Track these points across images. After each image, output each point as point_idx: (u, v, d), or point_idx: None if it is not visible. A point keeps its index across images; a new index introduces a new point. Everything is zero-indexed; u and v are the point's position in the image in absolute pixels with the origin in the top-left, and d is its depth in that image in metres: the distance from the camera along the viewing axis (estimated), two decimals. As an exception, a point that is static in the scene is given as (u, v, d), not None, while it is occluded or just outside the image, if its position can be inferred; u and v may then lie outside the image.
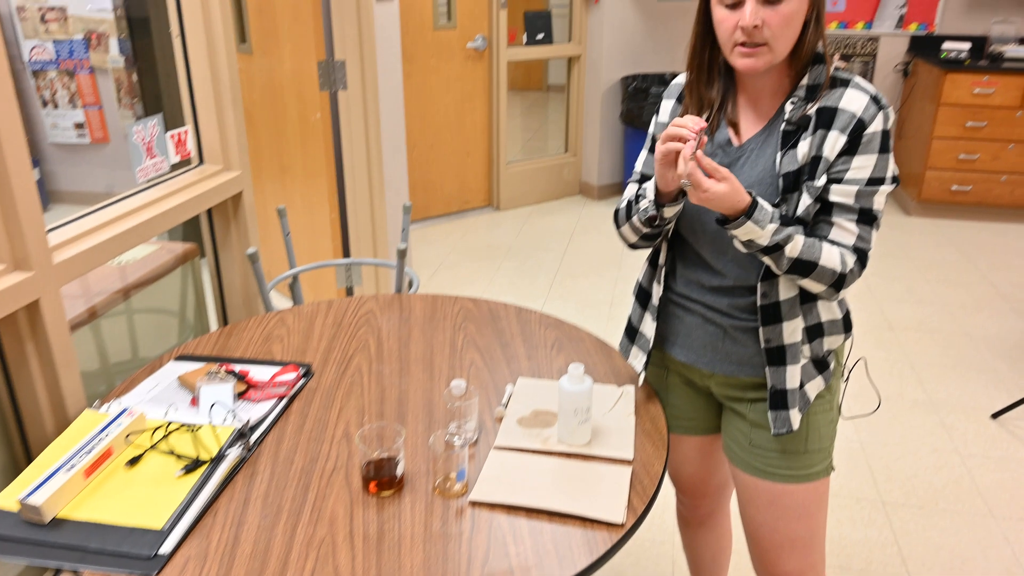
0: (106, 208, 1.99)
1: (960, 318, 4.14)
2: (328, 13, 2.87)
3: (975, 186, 5.50)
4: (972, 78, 5.27)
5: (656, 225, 1.53)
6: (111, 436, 1.45)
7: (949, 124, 5.40)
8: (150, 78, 4.06)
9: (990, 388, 3.48)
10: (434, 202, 5.67)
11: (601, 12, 5.70)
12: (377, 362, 1.83)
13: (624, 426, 1.56)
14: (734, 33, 1.36)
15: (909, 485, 2.83)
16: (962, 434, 3.14)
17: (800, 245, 1.37)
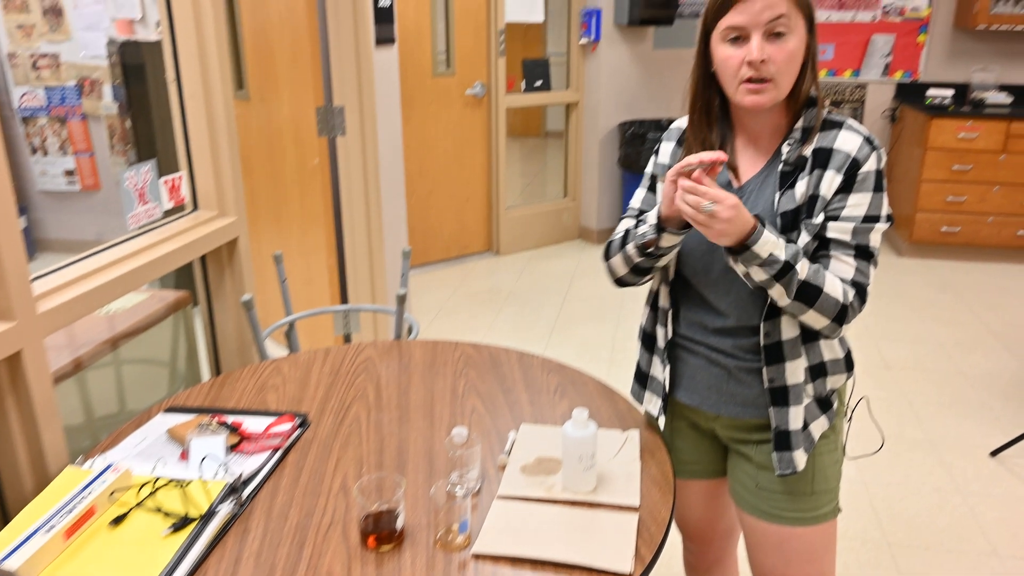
0: (94, 256, 1.95)
1: (955, 357, 4.19)
2: (327, 59, 2.87)
3: (963, 227, 5.64)
4: (956, 123, 5.43)
5: (650, 253, 1.51)
6: (94, 494, 1.39)
7: (936, 168, 5.55)
8: (144, 124, 4.05)
9: (987, 426, 3.50)
10: (433, 247, 5.65)
11: (598, 60, 5.75)
12: (376, 410, 1.78)
13: (630, 472, 1.52)
14: (740, 70, 1.39)
15: (913, 525, 2.82)
16: (962, 472, 3.15)
17: (807, 267, 1.38)
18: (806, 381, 1.50)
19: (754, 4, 1.35)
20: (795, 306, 1.40)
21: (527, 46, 6.09)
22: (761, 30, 1.35)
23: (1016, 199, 5.50)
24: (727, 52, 1.40)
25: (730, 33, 1.38)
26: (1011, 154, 5.41)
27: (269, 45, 3.49)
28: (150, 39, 4.05)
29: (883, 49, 6.10)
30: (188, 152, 2.28)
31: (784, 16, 1.35)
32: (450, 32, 5.28)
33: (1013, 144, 5.39)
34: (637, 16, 5.50)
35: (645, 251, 1.52)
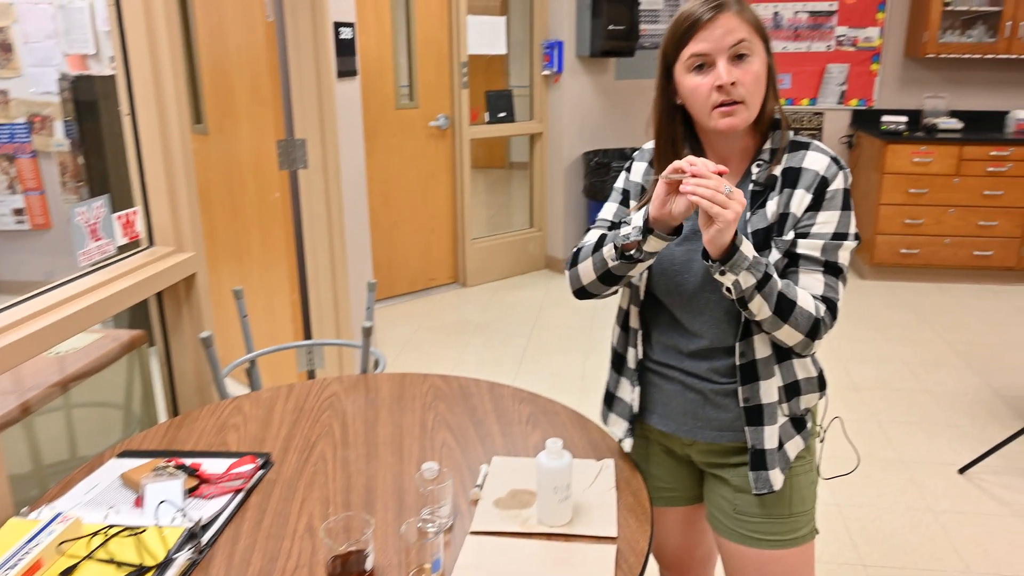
0: (43, 295, 1.87)
1: (920, 376, 4.27)
2: (288, 92, 2.82)
3: (922, 249, 5.80)
4: (911, 148, 5.62)
5: (628, 256, 1.45)
6: (41, 546, 1.30)
7: (893, 191, 5.72)
8: (97, 160, 3.96)
9: (955, 443, 3.56)
10: (399, 280, 5.59)
11: (561, 91, 5.78)
12: (342, 447, 1.71)
13: (606, 501, 1.49)
14: (710, 96, 1.40)
15: (887, 546, 2.84)
16: (933, 491, 3.18)
17: (780, 281, 1.38)
18: (780, 400, 1.50)
19: (715, 30, 1.38)
20: (772, 321, 1.39)
21: (490, 78, 6.11)
22: (725, 55, 1.38)
23: (971, 220, 5.66)
24: (694, 81, 1.41)
25: (695, 61, 1.40)
26: (964, 177, 5.59)
27: (228, 78, 3.43)
28: (104, 73, 3.97)
29: (838, 78, 6.27)
30: (143, 186, 2.21)
31: (745, 40, 1.38)
32: (412, 64, 5.27)
33: (965, 167, 5.57)
34: (599, 48, 5.57)
35: (624, 254, 1.46)
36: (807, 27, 6.18)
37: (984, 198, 5.60)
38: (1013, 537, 2.87)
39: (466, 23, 5.37)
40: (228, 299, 3.98)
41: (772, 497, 1.55)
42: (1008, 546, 2.82)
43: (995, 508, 3.05)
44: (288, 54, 2.99)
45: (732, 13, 1.38)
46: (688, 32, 1.39)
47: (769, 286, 1.35)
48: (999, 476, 3.27)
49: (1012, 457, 3.42)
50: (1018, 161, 5.51)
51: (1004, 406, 3.90)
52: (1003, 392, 4.06)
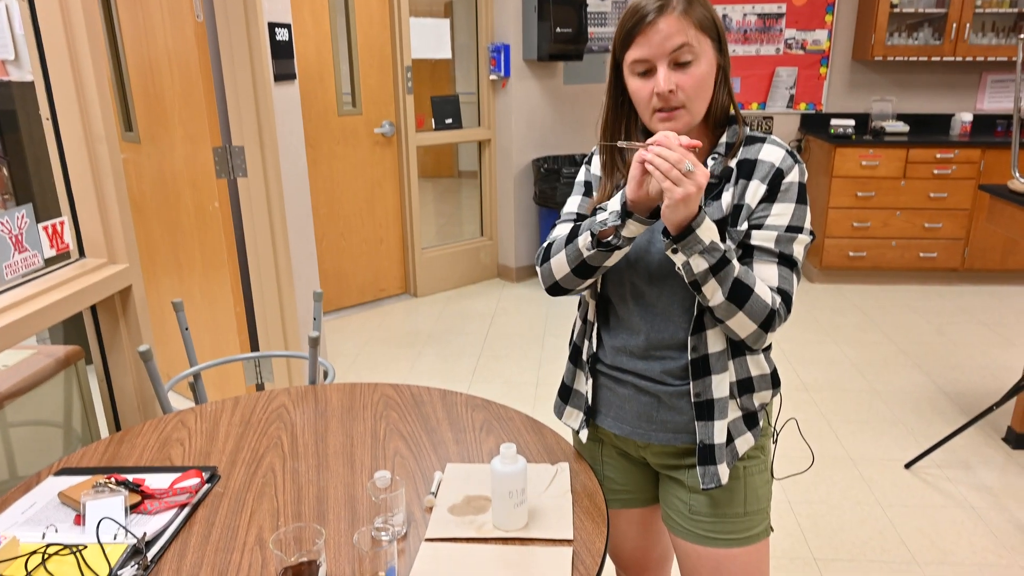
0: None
1: (868, 376, 4.36)
2: (223, 97, 2.75)
3: (869, 252, 5.88)
4: (859, 152, 5.70)
5: (604, 244, 1.42)
6: (-26, 567, 1.25)
7: (842, 195, 5.79)
8: (21, 169, 3.82)
9: (901, 439, 3.65)
10: (347, 292, 5.52)
11: (508, 96, 5.74)
12: (292, 459, 1.67)
13: (561, 505, 1.47)
14: (651, 100, 1.40)
15: (837, 540, 2.90)
16: (880, 486, 3.26)
17: (738, 267, 1.36)
18: (731, 396, 1.50)
19: (655, 36, 1.35)
20: (726, 308, 1.36)
21: (435, 83, 6.04)
22: (666, 60, 1.36)
23: (917, 223, 5.76)
24: (636, 84, 1.41)
25: (637, 67, 1.39)
26: (910, 180, 5.68)
27: (158, 82, 3.32)
28: (25, 79, 3.82)
29: (787, 82, 6.31)
30: (70, 195, 2.13)
31: (687, 44, 1.35)
32: (354, 70, 5.17)
33: (912, 170, 5.67)
34: (546, 52, 5.53)
35: (601, 242, 1.43)
36: (756, 30, 6.21)
37: (930, 200, 5.70)
38: (957, 527, 2.96)
39: (409, 26, 5.30)
40: (170, 313, 3.89)
41: (726, 496, 1.55)
42: (953, 536, 2.91)
43: (940, 500, 3.13)
44: (221, 57, 2.90)
45: (675, 15, 1.34)
46: (631, 34, 1.38)
47: (725, 271, 1.33)
48: (943, 470, 3.36)
49: (956, 451, 3.52)
50: (962, 163, 5.62)
51: (948, 403, 4.00)
52: (947, 389, 4.16)
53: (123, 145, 3.62)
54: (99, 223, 2.16)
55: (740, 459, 1.54)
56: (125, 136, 3.64)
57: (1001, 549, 2.84)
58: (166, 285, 3.83)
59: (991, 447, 3.56)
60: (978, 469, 3.38)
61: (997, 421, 3.80)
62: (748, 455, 1.56)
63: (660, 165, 1.25)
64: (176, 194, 3.48)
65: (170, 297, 3.84)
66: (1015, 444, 3.55)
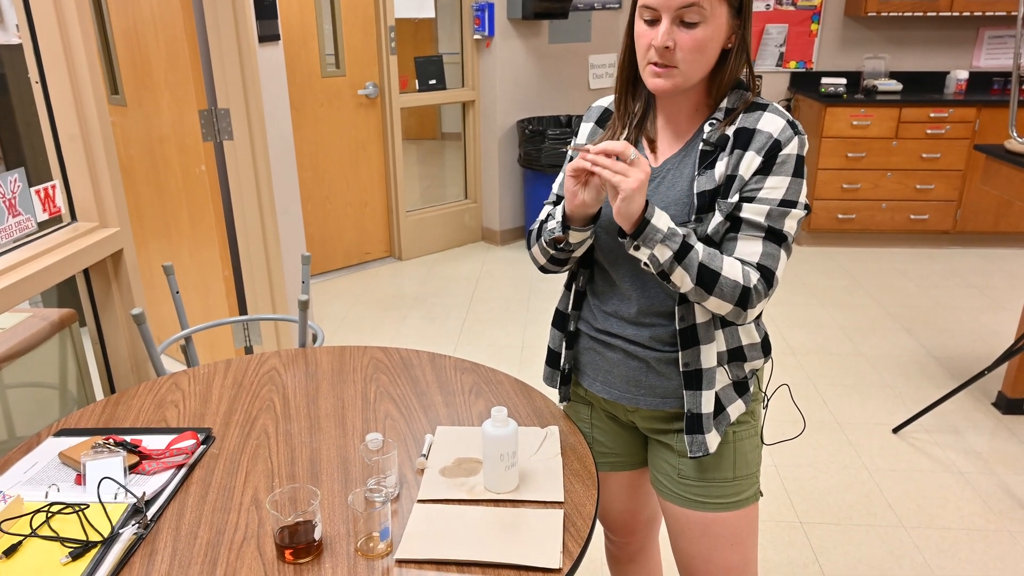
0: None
1: (856, 340, 4.35)
2: (208, 59, 2.75)
3: (859, 214, 5.80)
4: (850, 111, 5.57)
5: (561, 248, 1.51)
6: (-19, 525, 1.28)
7: (832, 156, 5.68)
8: (9, 132, 3.82)
9: (889, 404, 3.65)
10: (333, 255, 5.53)
11: (493, 57, 5.71)
12: (284, 421, 1.70)
13: (552, 467, 1.50)
14: (648, 51, 1.38)
15: (824, 503, 2.92)
16: (867, 450, 3.27)
17: (702, 251, 1.35)
18: (720, 364, 1.50)
19: None
20: (696, 292, 1.38)
21: (418, 43, 6.00)
22: (671, 15, 1.33)
23: (908, 184, 5.68)
24: (641, 29, 1.39)
25: (645, 12, 1.37)
26: (902, 140, 5.57)
27: (143, 45, 3.30)
28: (11, 43, 3.79)
29: (777, 39, 6.20)
30: (60, 159, 2.13)
31: (696, 5, 1.32)
32: (337, 30, 5.12)
33: (904, 130, 5.55)
34: (531, 10, 5.46)
35: (556, 246, 1.51)
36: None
37: (922, 161, 5.61)
38: (943, 492, 2.98)
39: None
40: (159, 277, 3.90)
41: (715, 460, 1.55)
42: (939, 500, 2.93)
43: (927, 464, 3.15)
44: (206, 18, 2.89)
45: None
46: None
47: (689, 257, 1.34)
48: (931, 434, 3.37)
49: (944, 416, 3.52)
50: (956, 123, 5.49)
51: (937, 367, 4.00)
52: (936, 353, 4.16)
53: (110, 108, 3.59)
54: (90, 187, 2.17)
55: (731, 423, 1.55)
56: (111, 99, 3.62)
57: (989, 514, 2.84)
58: (155, 248, 3.84)
59: (981, 412, 3.55)
60: (967, 434, 3.37)
61: (987, 386, 3.78)
62: (738, 420, 1.56)
63: (602, 162, 1.29)
64: (163, 157, 3.48)
65: (159, 260, 3.84)
66: (1005, 409, 3.53)
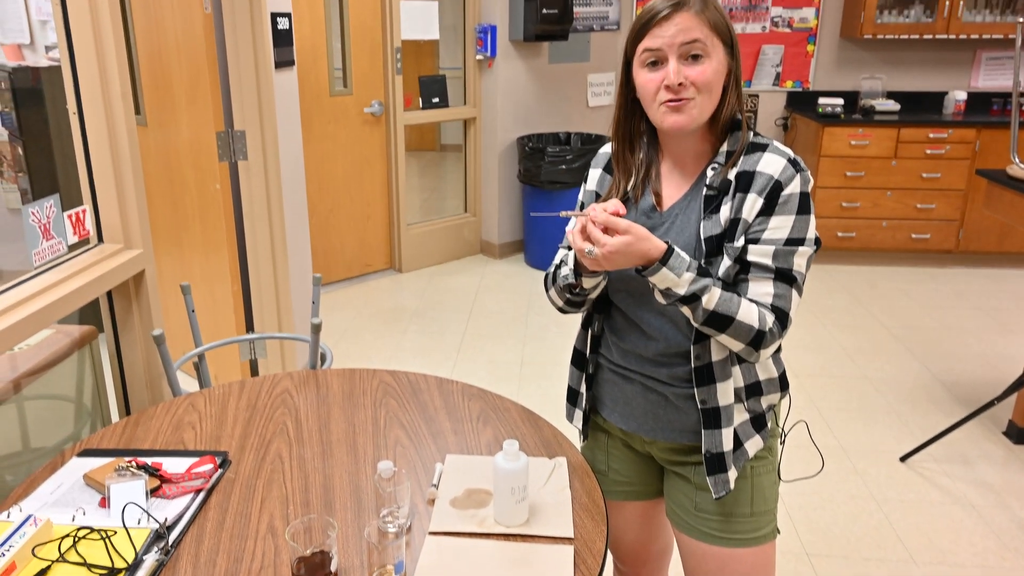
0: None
1: (859, 362, 4.26)
2: (227, 83, 2.82)
3: (859, 232, 5.79)
4: (848, 131, 5.59)
5: (576, 294, 1.56)
6: (15, 548, 1.33)
7: (830, 174, 5.69)
8: (36, 149, 3.90)
9: (895, 430, 3.56)
10: (335, 267, 5.58)
11: (495, 75, 5.79)
12: (297, 445, 1.75)
13: (560, 500, 1.53)
14: (659, 93, 1.41)
15: (831, 534, 2.85)
16: (875, 479, 3.19)
17: (717, 297, 1.38)
18: (738, 400, 1.51)
19: (668, 28, 1.38)
20: (706, 329, 1.42)
21: (421, 62, 6.09)
22: (676, 53, 1.38)
23: (909, 203, 5.67)
24: (646, 76, 1.43)
25: (648, 57, 1.41)
26: (901, 159, 5.59)
27: (166, 70, 3.40)
28: (40, 64, 3.89)
29: (773, 59, 6.26)
30: (92, 184, 2.20)
31: (699, 40, 1.38)
32: (346, 51, 5.24)
33: (903, 150, 5.57)
34: (532, 32, 5.57)
35: (571, 291, 1.56)
36: (742, 8, 6.16)
37: (922, 181, 5.61)
38: (955, 525, 2.88)
39: (399, 8, 5.35)
40: (172, 291, 3.95)
41: (733, 496, 1.57)
42: (951, 534, 2.84)
43: (938, 496, 3.06)
44: (226, 46, 2.98)
45: (691, 12, 1.38)
46: (645, 27, 1.40)
47: (693, 305, 1.39)
48: (940, 464, 3.28)
49: (953, 444, 3.43)
50: (956, 143, 5.50)
51: (944, 392, 3.91)
52: (942, 378, 4.07)
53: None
54: (117, 210, 2.23)
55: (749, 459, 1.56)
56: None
57: (1004, 551, 2.74)
58: (167, 264, 3.90)
59: (991, 441, 3.45)
60: (978, 464, 3.27)
61: (997, 414, 3.67)
62: (756, 455, 1.57)
63: (589, 231, 1.37)
64: (180, 175, 3.55)
65: (172, 275, 3.90)
66: (1016, 439, 3.44)
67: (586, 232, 1.38)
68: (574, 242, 1.39)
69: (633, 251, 1.34)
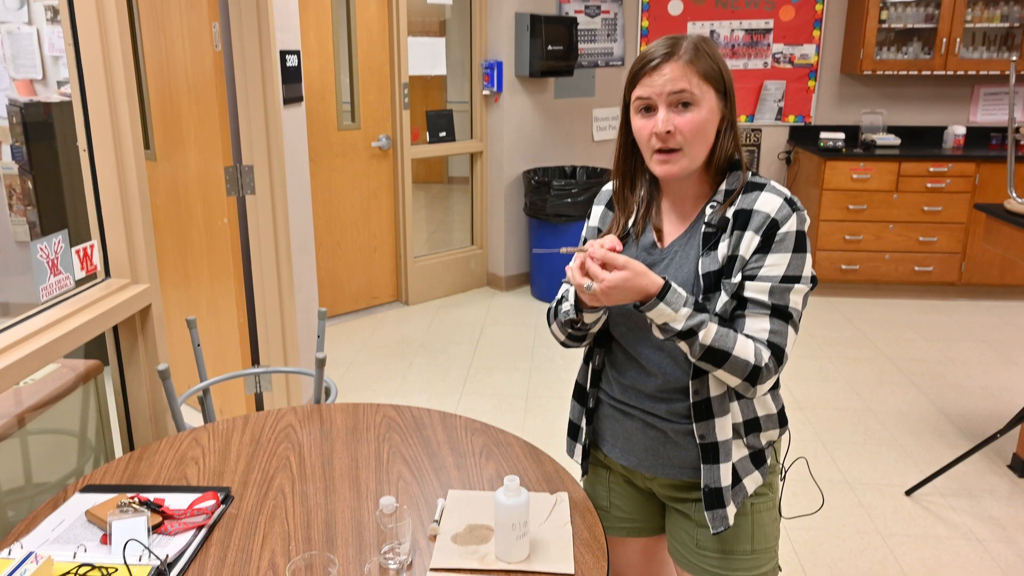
0: (5, 332, 1.88)
1: (864, 394, 4.26)
2: (235, 118, 2.85)
3: (862, 265, 5.82)
4: (849, 165, 5.65)
5: (577, 328, 1.59)
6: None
7: (833, 208, 5.74)
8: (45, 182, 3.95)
9: (900, 464, 3.55)
10: (342, 299, 5.60)
11: (501, 110, 5.84)
12: (300, 481, 1.75)
13: (561, 536, 1.53)
14: (650, 140, 1.45)
15: (837, 570, 2.82)
16: (880, 513, 3.17)
17: (713, 333, 1.40)
18: (737, 435, 1.53)
19: (658, 77, 1.42)
20: (703, 364, 1.44)
21: (428, 97, 6.16)
22: (666, 102, 1.42)
23: (911, 236, 5.70)
24: (639, 123, 1.47)
25: (640, 104, 1.46)
26: (903, 193, 5.63)
27: (176, 105, 3.44)
28: (51, 99, 3.95)
29: (775, 95, 6.33)
30: (100, 219, 2.23)
31: (687, 90, 1.41)
32: (354, 87, 5.30)
33: (904, 184, 5.61)
34: (538, 68, 5.64)
35: (572, 326, 1.59)
36: (744, 45, 6.25)
37: (924, 214, 5.65)
38: (962, 561, 2.86)
39: (407, 45, 5.43)
40: (177, 324, 3.96)
41: (733, 533, 1.57)
42: (958, 571, 2.81)
43: (944, 531, 3.04)
44: (236, 82, 3.03)
45: (681, 63, 1.41)
46: (637, 75, 1.46)
47: (690, 340, 1.41)
48: (946, 498, 3.26)
49: (959, 478, 3.41)
50: (957, 177, 5.55)
51: (949, 425, 3.91)
52: (947, 410, 4.06)
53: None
54: (125, 245, 2.26)
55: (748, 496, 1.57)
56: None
57: None
58: (174, 297, 3.92)
59: (996, 474, 3.44)
60: (983, 498, 3.25)
61: (1002, 447, 3.66)
62: (756, 492, 1.58)
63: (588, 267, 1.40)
64: (187, 209, 3.59)
65: (178, 309, 3.92)
66: (1021, 472, 3.44)
67: (585, 268, 1.41)
68: (573, 278, 1.41)
69: (631, 286, 1.37)
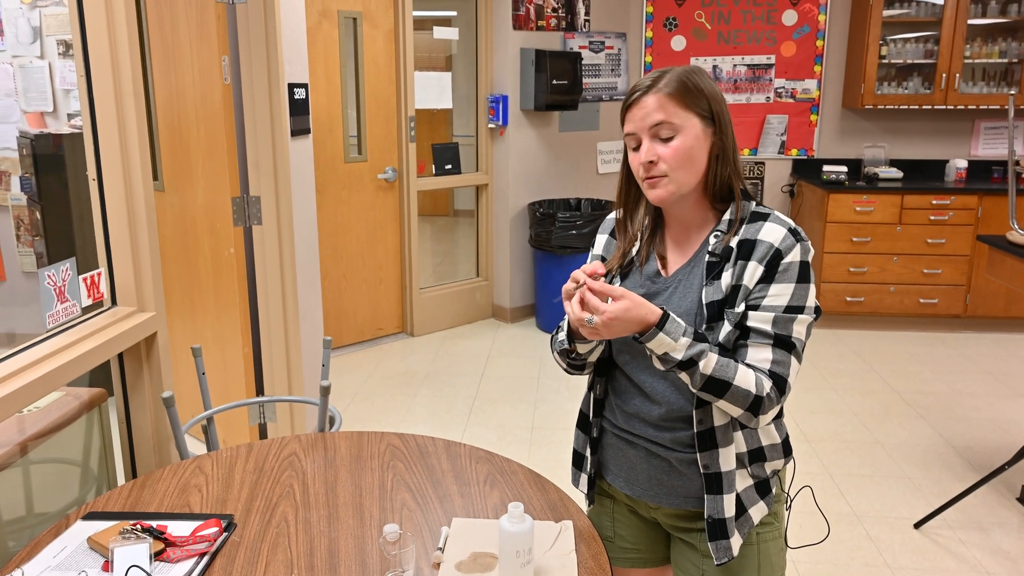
0: (10, 358, 1.88)
1: (871, 426, 4.25)
2: (243, 150, 2.88)
3: (867, 297, 5.83)
4: (853, 198, 5.68)
5: (574, 358, 1.61)
6: (16, 612, 1.33)
7: (837, 240, 5.76)
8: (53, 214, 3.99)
9: (909, 496, 3.53)
10: (347, 330, 5.61)
11: (506, 143, 5.89)
12: (304, 509, 1.74)
13: (566, 564, 1.52)
14: (639, 170, 1.51)
15: None
16: (889, 546, 3.14)
17: (713, 363, 1.41)
18: (741, 465, 1.52)
19: (638, 112, 1.48)
20: (704, 395, 1.44)
21: (435, 130, 6.22)
22: (648, 134, 1.47)
23: (916, 268, 5.72)
24: (631, 156, 1.53)
25: (630, 140, 1.52)
26: (906, 226, 5.66)
27: (185, 137, 3.48)
28: (62, 131, 4.00)
29: (778, 128, 6.38)
30: (107, 247, 2.24)
31: (665, 121, 1.45)
32: (361, 119, 5.37)
33: (908, 216, 5.64)
34: (543, 102, 5.71)
35: (568, 356, 1.62)
36: (746, 80, 6.32)
37: (927, 246, 5.66)
38: None
39: (413, 79, 5.50)
40: (182, 353, 3.97)
41: (739, 563, 1.56)
42: None
43: (954, 564, 3.01)
44: (244, 115, 3.06)
45: (661, 95, 1.46)
46: (624, 111, 1.51)
47: (691, 371, 1.41)
48: (955, 531, 3.24)
49: (967, 510, 3.39)
50: (959, 210, 5.58)
51: (957, 457, 3.89)
52: (955, 442, 4.05)
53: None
54: (132, 273, 2.27)
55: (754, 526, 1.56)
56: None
57: None
58: (180, 325, 3.93)
59: (1005, 507, 3.42)
60: (993, 531, 3.23)
61: (1010, 479, 3.65)
62: (762, 521, 1.57)
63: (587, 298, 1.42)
64: (195, 239, 3.61)
65: (184, 337, 3.93)
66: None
67: (584, 302, 1.42)
68: (572, 314, 1.42)
69: (631, 317, 1.38)
